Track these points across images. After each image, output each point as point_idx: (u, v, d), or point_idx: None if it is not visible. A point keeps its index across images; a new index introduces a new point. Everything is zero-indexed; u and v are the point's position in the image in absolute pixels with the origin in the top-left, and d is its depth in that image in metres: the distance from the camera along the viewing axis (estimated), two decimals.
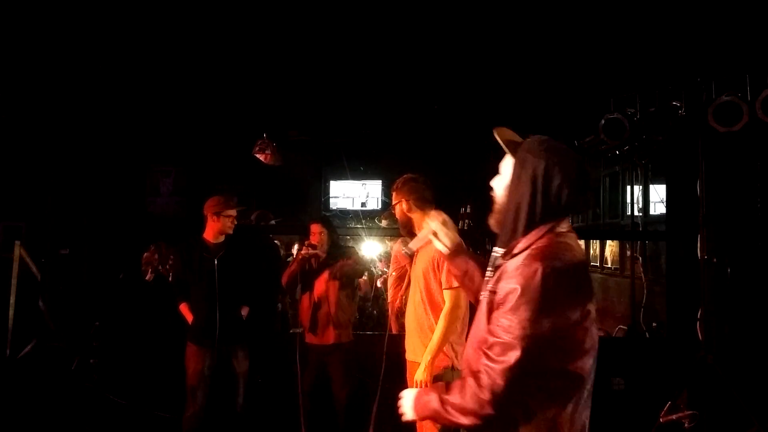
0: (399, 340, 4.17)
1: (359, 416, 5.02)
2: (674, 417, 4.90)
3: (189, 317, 4.89)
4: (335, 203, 11.28)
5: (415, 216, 3.94)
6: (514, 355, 1.79)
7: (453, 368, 3.71)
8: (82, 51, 5.86)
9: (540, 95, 6.97)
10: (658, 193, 7.99)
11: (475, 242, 8.24)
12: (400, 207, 4.00)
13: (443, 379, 3.66)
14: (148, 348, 5.94)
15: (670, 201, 6.61)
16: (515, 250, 1.94)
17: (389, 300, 7.53)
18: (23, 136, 6.11)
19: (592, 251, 10.27)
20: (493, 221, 2.09)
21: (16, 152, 6.05)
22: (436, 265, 3.73)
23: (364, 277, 9.79)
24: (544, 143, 2.02)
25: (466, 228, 8.67)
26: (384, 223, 8.92)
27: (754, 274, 5.53)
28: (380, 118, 8.23)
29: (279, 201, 8.88)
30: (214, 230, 4.88)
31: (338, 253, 5.18)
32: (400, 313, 7.01)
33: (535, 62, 6.24)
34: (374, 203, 11.33)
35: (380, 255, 10.54)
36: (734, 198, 5.65)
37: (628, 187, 8.34)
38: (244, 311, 4.98)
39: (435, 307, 3.75)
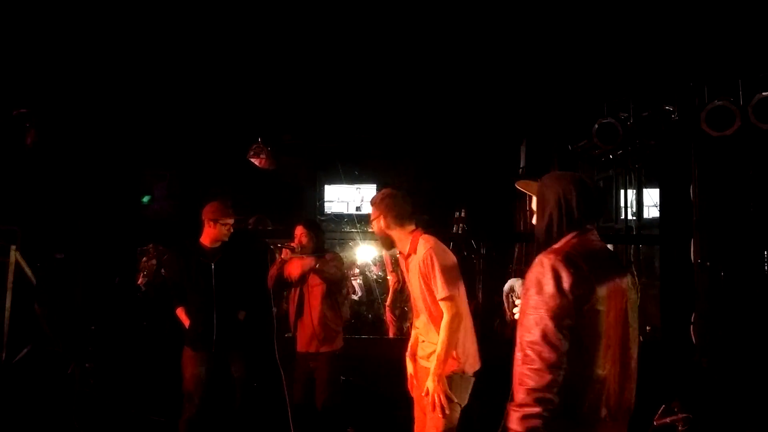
0: (397, 343, 4.19)
1: (338, 423, 4.99)
2: (668, 420, 4.92)
3: (186, 322, 4.88)
4: (330, 207, 11.28)
5: (394, 232, 3.91)
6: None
7: (463, 373, 3.68)
8: (77, 55, 5.86)
9: (534, 100, 7.00)
10: (652, 197, 8.01)
11: (469, 246, 8.27)
12: (378, 223, 3.96)
13: (451, 383, 3.63)
14: (144, 352, 5.94)
15: (663, 205, 6.64)
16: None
17: (387, 303, 7.56)
18: (17, 140, 6.10)
19: None
20: (537, 244, 2.60)
21: (11, 156, 6.04)
22: (425, 277, 3.69)
23: (359, 281, 9.80)
24: (552, 178, 2.61)
25: (460, 232, 8.70)
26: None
27: (747, 278, 5.57)
28: (375, 122, 8.26)
29: (273, 205, 8.88)
30: (210, 236, 4.88)
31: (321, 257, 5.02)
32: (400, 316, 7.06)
33: (529, 67, 6.27)
34: (369, 207, 11.31)
35: (375, 259, 10.54)
36: (727, 202, 5.67)
37: (622, 192, 8.35)
38: (241, 315, 4.97)
39: (433, 317, 3.72)
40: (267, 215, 7.90)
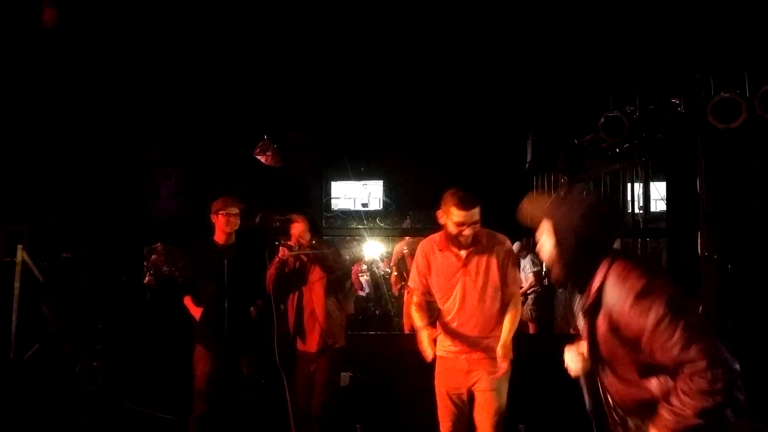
0: (405, 339, 4.20)
1: (336, 426, 4.95)
2: None
3: (193, 310, 4.86)
4: (336, 204, 11.28)
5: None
6: (700, 342, 2.07)
7: None
8: (83, 54, 5.87)
9: (540, 94, 6.98)
10: (659, 190, 7.97)
11: None
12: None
13: None
14: (152, 350, 5.95)
15: (670, 198, 6.62)
16: (596, 285, 2.27)
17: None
18: (24, 139, 6.12)
19: None
20: (555, 276, 2.43)
21: (18, 155, 6.06)
22: (504, 269, 3.97)
23: (366, 277, 9.81)
24: (567, 200, 2.41)
25: None
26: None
27: (755, 270, 5.55)
28: (381, 118, 8.25)
29: (280, 202, 8.90)
30: (220, 230, 4.89)
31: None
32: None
33: (535, 61, 6.24)
34: (376, 203, 11.33)
35: (382, 255, 10.55)
36: (734, 194, 5.65)
37: (629, 185, 8.31)
38: (253, 311, 4.91)
39: (500, 312, 3.98)
40: (274, 212, 7.91)
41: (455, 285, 3.97)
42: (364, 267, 10.05)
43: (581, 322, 2.44)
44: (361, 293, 9.58)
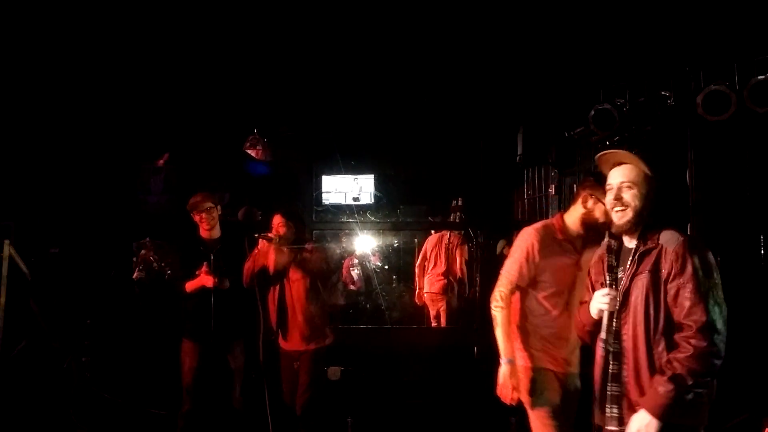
0: (395, 333, 4.18)
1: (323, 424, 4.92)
2: None
3: (196, 281, 4.73)
4: (327, 198, 11.25)
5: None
6: (715, 312, 2.46)
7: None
8: (72, 49, 5.84)
9: (530, 87, 6.98)
10: None
11: (467, 235, 8.27)
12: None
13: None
14: (141, 345, 5.94)
15: (660, 190, 6.63)
16: (657, 236, 2.71)
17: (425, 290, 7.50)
18: (12, 134, 6.09)
19: None
20: (626, 222, 2.76)
21: (5, 151, 6.03)
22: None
23: (357, 271, 9.79)
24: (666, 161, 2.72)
25: (457, 220, 8.69)
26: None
27: (743, 262, 5.56)
28: (371, 112, 8.23)
29: (271, 197, 8.87)
30: (200, 227, 4.89)
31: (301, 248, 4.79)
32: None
33: (525, 54, 6.24)
34: (367, 197, 11.30)
35: (373, 249, 10.54)
36: (723, 187, 5.65)
37: None
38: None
39: None
40: (264, 207, 7.88)
41: (567, 279, 3.57)
42: (356, 261, 10.04)
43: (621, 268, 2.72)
44: (352, 287, 9.56)
